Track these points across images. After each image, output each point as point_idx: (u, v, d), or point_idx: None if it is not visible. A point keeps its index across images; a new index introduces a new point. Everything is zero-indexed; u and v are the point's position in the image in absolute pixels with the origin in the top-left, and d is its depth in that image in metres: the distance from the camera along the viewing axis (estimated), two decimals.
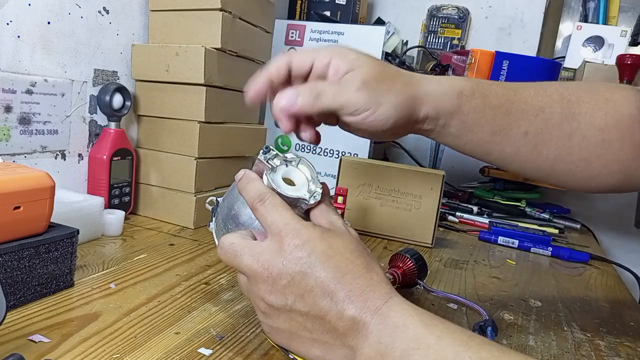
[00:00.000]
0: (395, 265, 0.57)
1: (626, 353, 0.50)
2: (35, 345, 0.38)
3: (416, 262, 0.57)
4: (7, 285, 0.42)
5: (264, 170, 0.42)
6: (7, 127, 0.62)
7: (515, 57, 1.09)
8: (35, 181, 0.44)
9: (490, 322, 0.49)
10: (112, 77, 0.76)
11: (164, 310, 0.46)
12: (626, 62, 1.03)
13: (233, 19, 0.75)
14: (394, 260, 0.58)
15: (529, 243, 0.87)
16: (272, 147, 0.43)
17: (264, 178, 0.42)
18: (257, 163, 0.43)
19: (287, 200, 0.40)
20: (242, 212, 0.43)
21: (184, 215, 0.75)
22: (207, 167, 0.76)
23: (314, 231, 0.37)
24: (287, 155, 0.44)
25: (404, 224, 0.80)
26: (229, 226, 0.44)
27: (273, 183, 0.41)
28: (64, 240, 0.47)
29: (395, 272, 0.56)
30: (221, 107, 0.77)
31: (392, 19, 1.49)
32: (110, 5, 0.73)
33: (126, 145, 0.73)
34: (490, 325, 0.49)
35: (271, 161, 0.43)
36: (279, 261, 0.36)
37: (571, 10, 1.39)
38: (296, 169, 0.44)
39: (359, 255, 0.37)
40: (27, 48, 0.63)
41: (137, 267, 0.57)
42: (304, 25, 1.16)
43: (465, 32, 1.41)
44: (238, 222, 0.43)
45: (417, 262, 0.57)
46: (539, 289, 0.67)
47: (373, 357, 0.33)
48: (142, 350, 0.39)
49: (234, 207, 0.44)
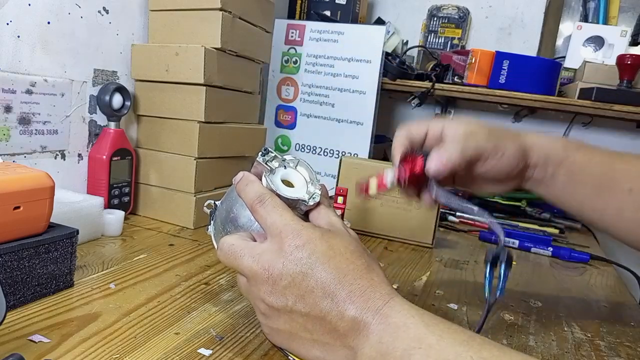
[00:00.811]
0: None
1: (626, 353, 0.50)
2: (35, 345, 0.38)
3: (427, 156, 0.49)
4: (7, 286, 0.42)
5: (263, 172, 0.42)
6: (7, 127, 0.62)
7: (515, 57, 1.09)
8: (35, 181, 0.44)
9: (505, 251, 0.43)
10: (111, 77, 0.76)
11: (164, 310, 0.46)
12: (626, 62, 1.03)
13: (233, 18, 0.75)
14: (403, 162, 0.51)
15: (530, 243, 0.87)
16: (270, 149, 0.43)
17: (263, 180, 0.42)
18: (256, 165, 0.43)
19: (286, 201, 0.40)
20: (241, 214, 0.43)
21: (184, 215, 0.75)
22: (207, 167, 0.76)
23: (315, 232, 0.37)
24: (286, 157, 0.44)
25: (404, 224, 0.80)
26: (228, 229, 0.44)
27: (272, 185, 0.41)
28: (63, 241, 0.47)
29: (401, 169, 0.49)
30: (221, 107, 0.77)
31: (392, 18, 1.49)
32: (110, 5, 0.73)
33: (126, 145, 0.73)
34: (504, 258, 0.43)
35: (270, 163, 0.43)
36: (279, 262, 0.36)
37: (571, 10, 1.39)
38: (295, 171, 0.44)
39: (360, 255, 0.37)
40: (27, 48, 0.63)
41: (137, 267, 0.56)
42: (304, 25, 1.15)
43: (466, 32, 1.40)
44: (237, 224, 0.43)
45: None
46: (539, 289, 0.67)
47: (374, 357, 0.33)
48: (142, 350, 0.39)
49: (233, 210, 0.44)
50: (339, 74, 1.13)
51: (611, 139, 1.37)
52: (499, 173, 0.50)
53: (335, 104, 1.13)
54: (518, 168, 0.50)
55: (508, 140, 0.49)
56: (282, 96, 1.19)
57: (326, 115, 1.15)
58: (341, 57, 1.12)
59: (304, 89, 1.17)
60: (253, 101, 0.89)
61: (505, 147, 0.48)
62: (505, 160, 0.49)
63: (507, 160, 0.49)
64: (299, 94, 1.17)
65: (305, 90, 1.16)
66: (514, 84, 1.08)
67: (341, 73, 1.12)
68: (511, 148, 0.49)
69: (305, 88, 1.16)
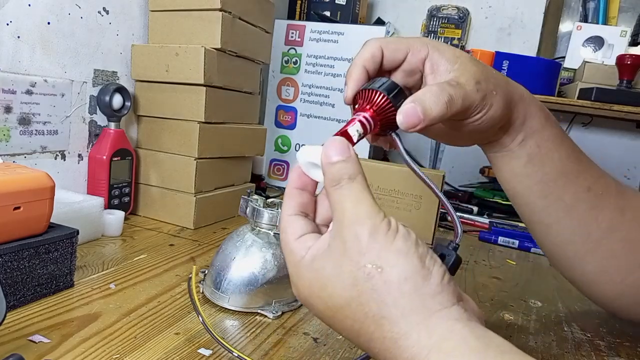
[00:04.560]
0: (362, 108, 0.36)
1: (626, 353, 0.50)
2: (35, 345, 0.38)
3: (389, 92, 0.35)
4: (7, 286, 0.42)
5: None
6: (7, 127, 0.62)
7: (515, 57, 1.09)
8: (35, 181, 0.44)
9: (453, 251, 0.35)
10: (111, 77, 0.76)
11: (164, 310, 0.46)
12: (626, 62, 1.03)
13: (233, 19, 0.75)
14: (360, 99, 0.37)
15: (529, 243, 0.87)
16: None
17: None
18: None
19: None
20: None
21: (184, 215, 0.75)
22: (207, 167, 0.76)
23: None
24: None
25: (404, 224, 0.80)
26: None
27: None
28: (63, 241, 0.47)
29: (364, 120, 0.35)
30: (221, 107, 0.77)
31: (392, 19, 1.49)
32: (110, 5, 0.73)
33: (126, 145, 0.73)
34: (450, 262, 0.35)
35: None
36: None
37: (571, 10, 1.39)
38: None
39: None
40: (27, 48, 0.63)
41: (137, 267, 0.56)
42: (303, 26, 1.16)
43: (465, 32, 1.41)
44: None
45: (390, 92, 0.35)
46: (539, 289, 0.67)
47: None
48: (142, 350, 0.39)
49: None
50: (339, 74, 1.13)
51: (611, 139, 1.37)
52: (476, 129, 0.39)
53: (335, 105, 1.14)
54: (501, 122, 0.41)
55: (498, 93, 0.39)
56: (282, 96, 1.19)
57: (326, 115, 1.15)
58: (341, 58, 1.12)
59: (304, 90, 1.17)
60: (253, 101, 0.89)
61: (493, 98, 0.38)
62: (491, 114, 0.39)
63: (493, 114, 0.39)
64: (299, 94, 1.17)
65: (306, 90, 1.16)
66: None
67: (341, 73, 1.12)
68: (499, 101, 0.39)
69: (306, 88, 1.16)
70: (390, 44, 0.38)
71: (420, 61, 0.39)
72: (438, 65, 0.38)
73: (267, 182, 1.16)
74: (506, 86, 0.40)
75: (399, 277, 0.29)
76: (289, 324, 0.47)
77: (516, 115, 0.42)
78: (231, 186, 0.85)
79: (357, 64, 0.38)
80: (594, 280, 0.49)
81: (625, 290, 0.49)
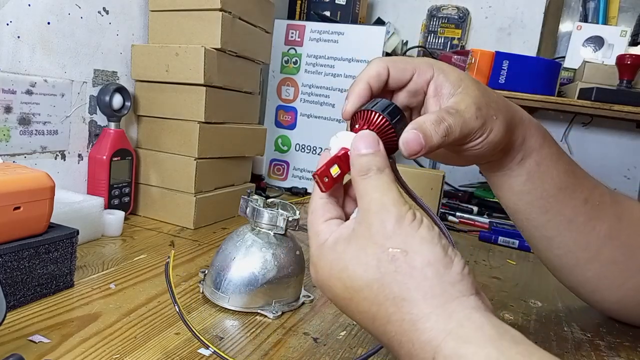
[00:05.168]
0: (361, 129, 0.35)
1: (626, 353, 0.50)
2: (35, 345, 0.38)
3: (392, 117, 0.35)
4: (7, 286, 0.42)
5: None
6: (7, 127, 0.62)
7: (515, 57, 1.09)
8: (35, 181, 0.44)
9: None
10: (111, 77, 0.76)
11: (164, 310, 0.46)
12: (626, 62, 1.03)
13: (233, 19, 0.75)
14: (358, 120, 0.36)
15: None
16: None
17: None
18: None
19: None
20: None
21: (184, 215, 0.75)
22: (207, 168, 0.76)
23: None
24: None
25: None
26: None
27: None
28: (63, 241, 0.47)
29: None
30: (221, 107, 0.77)
31: (392, 19, 1.49)
32: (110, 5, 0.73)
33: (126, 145, 0.73)
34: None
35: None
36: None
37: (571, 10, 1.39)
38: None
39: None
40: (27, 48, 0.63)
41: (137, 267, 0.56)
42: (303, 26, 1.16)
43: (465, 32, 1.41)
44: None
45: (393, 118, 0.35)
46: (539, 289, 0.67)
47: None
48: (142, 350, 0.39)
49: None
50: (339, 74, 1.13)
51: (611, 139, 1.37)
52: (476, 153, 0.40)
53: (335, 105, 1.14)
54: (501, 146, 0.41)
55: (498, 119, 0.39)
56: (282, 96, 1.19)
57: (326, 115, 1.15)
58: (341, 58, 1.12)
59: (304, 90, 1.17)
60: (253, 101, 0.89)
61: (493, 123, 0.39)
62: (491, 138, 0.39)
63: (493, 138, 0.39)
64: (299, 94, 1.17)
65: (306, 90, 1.16)
66: (514, 84, 1.08)
67: (341, 73, 1.12)
68: (500, 125, 0.39)
69: (306, 88, 1.16)
70: (397, 64, 0.39)
71: (425, 82, 0.39)
72: (441, 87, 0.39)
73: (267, 182, 1.16)
74: (506, 110, 0.41)
75: (422, 262, 0.30)
76: (289, 324, 0.47)
77: (516, 137, 0.43)
78: (231, 186, 0.85)
79: (362, 79, 0.37)
80: (594, 286, 0.50)
81: (625, 294, 0.50)
